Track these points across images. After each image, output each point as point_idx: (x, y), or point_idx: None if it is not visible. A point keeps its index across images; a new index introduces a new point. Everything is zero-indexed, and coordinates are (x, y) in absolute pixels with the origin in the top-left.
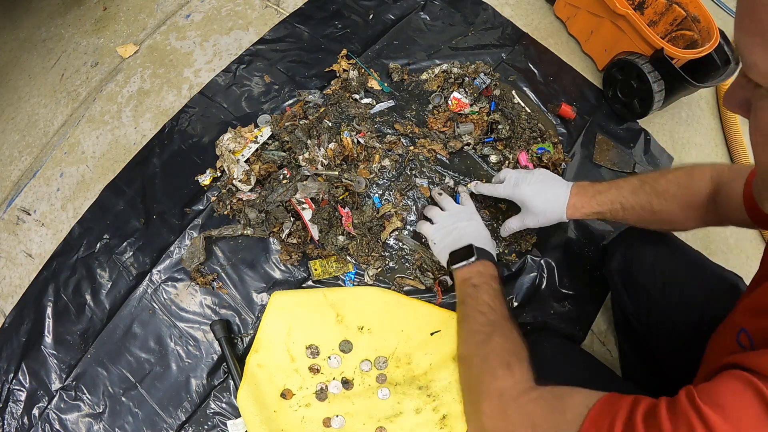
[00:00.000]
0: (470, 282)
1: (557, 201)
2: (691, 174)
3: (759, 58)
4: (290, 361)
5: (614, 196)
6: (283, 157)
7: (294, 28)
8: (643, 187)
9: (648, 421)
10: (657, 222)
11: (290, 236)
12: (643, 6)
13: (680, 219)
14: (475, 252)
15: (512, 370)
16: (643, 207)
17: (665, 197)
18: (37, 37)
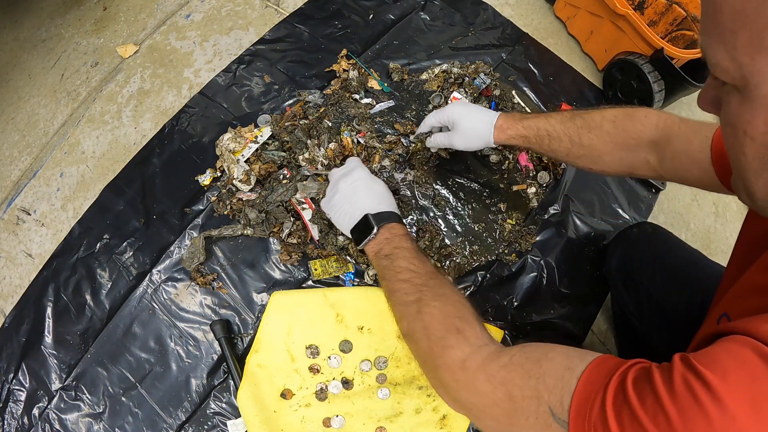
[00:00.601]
0: (382, 254)
1: (484, 121)
2: (631, 115)
3: (720, 57)
4: (290, 361)
5: (542, 123)
6: (283, 157)
7: (294, 28)
8: (573, 119)
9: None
10: (587, 158)
11: (290, 236)
12: (643, 6)
13: (611, 160)
14: (373, 222)
15: (464, 335)
16: (571, 139)
17: (597, 133)
18: (37, 37)
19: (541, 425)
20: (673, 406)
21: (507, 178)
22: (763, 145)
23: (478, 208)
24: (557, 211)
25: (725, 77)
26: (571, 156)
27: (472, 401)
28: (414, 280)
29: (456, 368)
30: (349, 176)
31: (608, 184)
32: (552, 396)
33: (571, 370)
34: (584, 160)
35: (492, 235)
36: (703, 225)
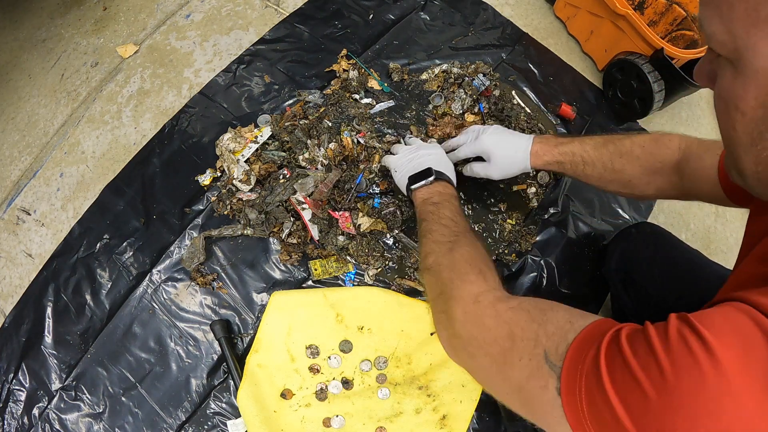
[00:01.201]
0: (430, 201)
1: (519, 149)
2: (658, 140)
3: (716, 29)
4: (290, 361)
5: (576, 149)
6: (283, 157)
7: (294, 28)
8: (606, 145)
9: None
10: (617, 183)
11: (290, 236)
12: (643, 6)
13: (641, 183)
14: (434, 173)
15: (485, 276)
16: (604, 164)
17: (628, 158)
18: (37, 37)
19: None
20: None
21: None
22: (753, 120)
23: (478, 208)
24: (557, 211)
25: (720, 49)
26: (602, 181)
27: (474, 334)
28: (452, 227)
29: (469, 301)
30: (430, 147)
31: None
32: (549, 341)
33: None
34: (615, 184)
35: (492, 235)
36: (703, 225)
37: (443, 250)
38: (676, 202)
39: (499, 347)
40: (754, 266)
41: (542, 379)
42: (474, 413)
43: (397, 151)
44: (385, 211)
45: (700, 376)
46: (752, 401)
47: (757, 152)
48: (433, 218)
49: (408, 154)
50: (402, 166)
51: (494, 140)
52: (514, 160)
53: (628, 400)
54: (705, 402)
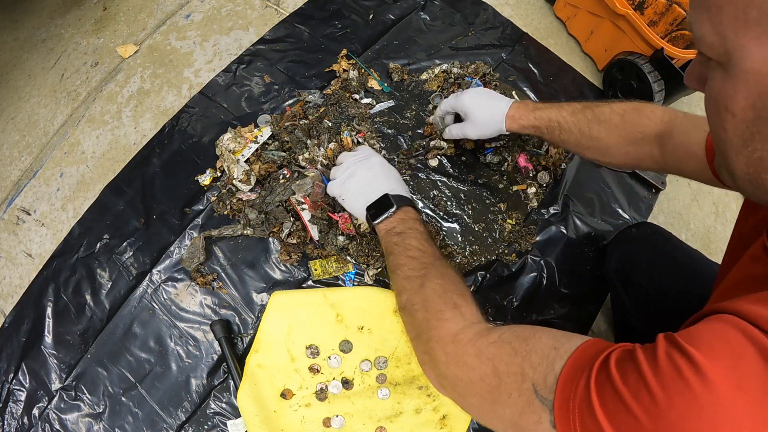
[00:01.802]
0: (394, 231)
1: (497, 111)
2: (639, 110)
3: (705, 31)
4: (290, 361)
5: (553, 114)
6: (283, 157)
7: (294, 28)
8: (584, 111)
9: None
10: (594, 150)
11: (290, 236)
12: (643, 6)
13: (619, 152)
14: (393, 201)
15: (461, 310)
16: (581, 131)
17: (606, 126)
18: (37, 37)
19: (524, 402)
20: (656, 380)
21: (507, 178)
22: (743, 121)
23: (478, 208)
24: (557, 211)
25: (710, 52)
26: (579, 147)
27: (459, 375)
28: (421, 258)
29: (448, 341)
30: (367, 161)
31: (608, 184)
32: (536, 373)
33: (557, 349)
34: (592, 151)
35: (492, 235)
36: (703, 225)
37: (414, 287)
38: (677, 202)
39: (486, 385)
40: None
41: (535, 414)
42: None
43: (334, 175)
44: None
45: (692, 398)
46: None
47: (748, 153)
48: (399, 250)
49: (348, 178)
50: (348, 193)
51: (474, 99)
52: (491, 121)
53: (622, 428)
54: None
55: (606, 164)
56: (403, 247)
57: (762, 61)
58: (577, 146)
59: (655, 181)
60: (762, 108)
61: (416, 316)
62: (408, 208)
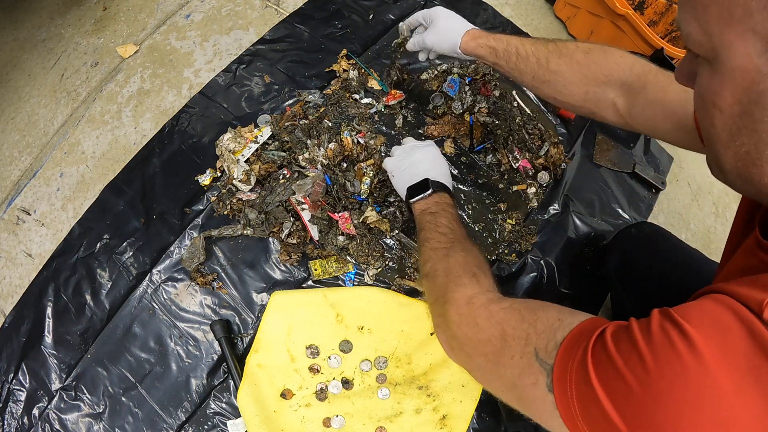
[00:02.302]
0: (428, 211)
1: (458, 25)
2: (607, 51)
3: (692, 29)
4: (290, 361)
5: (512, 40)
6: (283, 157)
7: (294, 28)
8: (546, 44)
9: (618, 335)
10: (552, 86)
11: (290, 236)
12: (643, 6)
13: (577, 92)
14: (430, 185)
15: (478, 279)
16: (539, 61)
17: (567, 60)
18: (37, 37)
19: (524, 364)
20: (648, 349)
21: (507, 178)
22: (730, 117)
23: (478, 208)
24: (557, 211)
25: (697, 49)
26: (536, 80)
27: (469, 335)
28: (449, 234)
29: (462, 303)
30: (424, 148)
31: (608, 184)
32: (539, 339)
33: (561, 320)
34: (549, 87)
35: (492, 235)
36: (703, 225)
37: (439, 256)
38: (677, 202)
39: (492, 346)
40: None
41: (533, 376)
42: (474, 413)
43: (393, 152)
44: (386, 212)
45: (681, 367)
46: (732, 390)
47: (736, 148)
48: (430, 227)
49: (402, 158)
50: (398, 171)
51: (443, 11)
52: (449, 32)
53: (614, 394)
54: (687, 392)
55: (563, 105)
56: (434, 224)
57: (746, 58)
58: (533, 78)
59: (655, 181)
60: (747, 103)
61: (437, 281)
62: (444, 194)
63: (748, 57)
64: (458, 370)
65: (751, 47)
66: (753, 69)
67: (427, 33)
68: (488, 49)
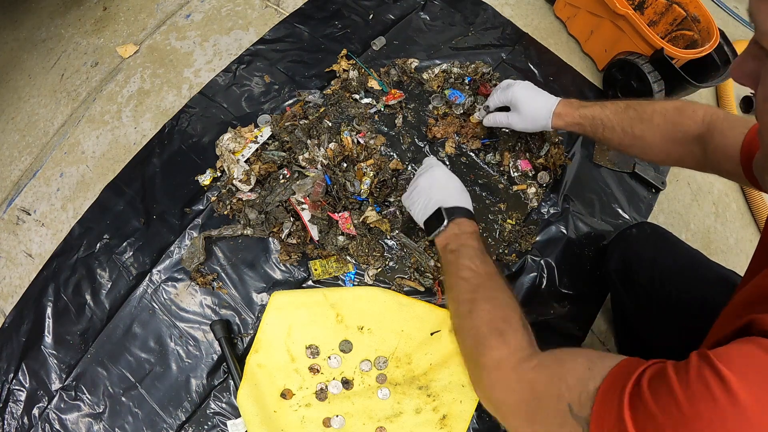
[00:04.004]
0: (448, 249)
1: (545, 106)
2: (681, 110)
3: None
4: (290, 361)
5: (597, 113)
6: (283, 157)
7: (294, 28)
8: (627, 110)
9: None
10: (637, 148)
11: (290, 236)
12: (643, 6)
13: (661, 151)
14: (444, 215)
15: (506, 338)
16: (624, 129)
17: (648, 125)
18: (37, 37)
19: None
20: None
21: (507, 178)
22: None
23: (478, 208)
24: (557, 211)
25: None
26: (622, 145)
27: (502, 399)
28: (472, 279)
29: (492, 368)
30: (428, 173)
31: (608, 184)
32: (572, 394)
33: (591, 370)
34: (635, 149)
35: (492, 235)
36: (703, 225)
37: (464, 312)
38: (677, 202)
39: (525, 407)
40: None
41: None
42: (474, 413)
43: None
44: (385, 212)
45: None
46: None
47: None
48: (452, 271)
49: (411, 190)
50: (411, 204)
51: (525, 93)
52: (538, 115)
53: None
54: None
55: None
56: (456, 267)
57: None
58: (620, 144)
59: (655, 181)
60: None
61: (466, 343)
62: (462, 220)
63: None
64: (458, 370)
65: None
66: None
67: (512, 117)
68: (577, 126)
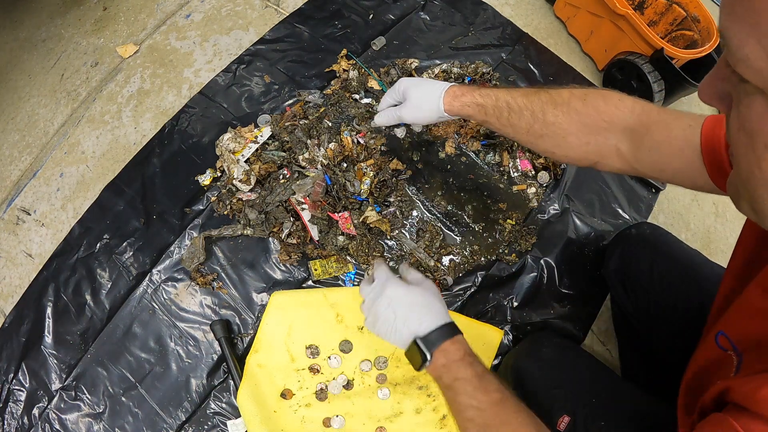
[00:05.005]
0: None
1: (434, 88)
2: (605, 96)
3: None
4: (290, 361)
5: (501, 94)
6: (283, 157)
7: (294, 28)
8: (539, 94)
9: None
10: (550, 138)
11: (290, 236)
12: (643, 6)
13: (579, 142)
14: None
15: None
16: (534, 114)
17: (564, 109)
18: (37, 37)
19: None
20: None
21: (507, 178)
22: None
23: (478, 208)
24: (557, 211)
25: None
26: (532, 134)
27: None
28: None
29: None
30: (383, 297)
31: (608, 184)
32: None
33: None
34: (547, 140)
35: (492, 235)
36: (703, 225)
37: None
38: (677, 202)
39: None
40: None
41: None
42: None
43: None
44: (385, 212)
45: None
46: None
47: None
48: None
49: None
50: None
51: (412, 82)
52: (427, 100)
53: None
54: None
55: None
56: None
57: None
58: (528, 133)
59: (655, 181)
60: None
61: None
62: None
63: None
64: None
65: None
66: None
67: (402, 108)
68: (476, 107)
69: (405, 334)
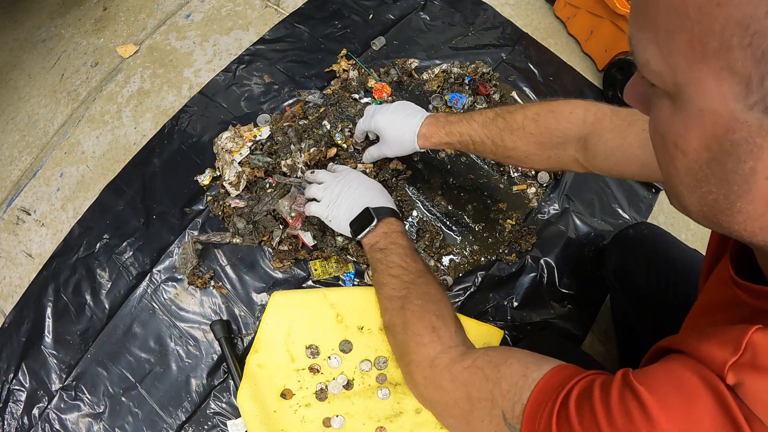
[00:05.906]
0: (377, 247)
1: (408, 130)
2: (557, 112)
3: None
4: (290, 361)
5: (464, 128)
6: (268, 162)
7: (294, 28)
8: (495, 121)
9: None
10: (514, 159)
11: (281, 243)
12: None
13: (538, 159)
14: (373, 214)
15: (439, 334)
16: (494, 142)
17: (520, 134)
18: (37, 37)
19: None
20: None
21: (507, 178)
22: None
23: (478, 208)
24: (557, 211)
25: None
26: (499, 156)
27: (436, 398)
28: (403, 276)
29: (425, 365)
30: (345, 178)
31: (608, 184)
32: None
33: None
34: (513, 160)
35: (492, 235)
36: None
37: (395, 308)
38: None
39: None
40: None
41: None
42: None
43: (316, 195)
44: None
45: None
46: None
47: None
48: (382, 268)
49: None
50: (334, 213)
51: (385, 119)
52: (403, 140)
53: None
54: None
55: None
56: (386, 265)
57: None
58: (495, 157)
59: (655, 181)
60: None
61: (397, 338)
62: (391, 220)
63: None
64: None
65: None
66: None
67: (381, 146)
68: (446, 145)
69: (359, 203)
